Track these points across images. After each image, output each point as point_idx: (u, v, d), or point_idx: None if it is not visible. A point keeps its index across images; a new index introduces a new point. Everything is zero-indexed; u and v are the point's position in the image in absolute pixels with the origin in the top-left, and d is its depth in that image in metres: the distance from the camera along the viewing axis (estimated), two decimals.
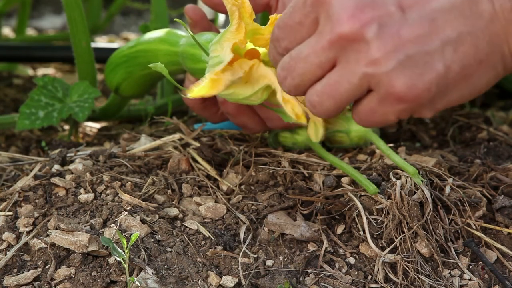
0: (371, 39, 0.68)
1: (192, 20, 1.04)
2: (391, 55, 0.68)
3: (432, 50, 0.69)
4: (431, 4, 0.69)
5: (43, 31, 2.55)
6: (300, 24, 0.73)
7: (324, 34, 0.70)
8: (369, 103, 0.72)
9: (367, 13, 0.68)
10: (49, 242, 0.89)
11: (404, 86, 0.69)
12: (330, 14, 0.70)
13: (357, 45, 0.69)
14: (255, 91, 0.85)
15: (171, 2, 1.78)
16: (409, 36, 0.68)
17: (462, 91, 0.72)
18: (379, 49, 0.68)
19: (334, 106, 0.73)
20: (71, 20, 1.19)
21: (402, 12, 0.69)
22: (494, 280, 0.92)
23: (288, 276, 0.88)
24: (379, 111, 0.72)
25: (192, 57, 0.98)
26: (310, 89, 0.74)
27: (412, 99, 0.70)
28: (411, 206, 0.92)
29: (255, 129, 1.05)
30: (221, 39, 0.83)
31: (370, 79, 0.70)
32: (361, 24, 0.68)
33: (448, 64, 0.69)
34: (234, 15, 0.82)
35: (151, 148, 1.09)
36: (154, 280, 0.85)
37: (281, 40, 0.76)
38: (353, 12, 0.68)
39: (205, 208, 0.97)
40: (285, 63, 0.75)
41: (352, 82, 0.71)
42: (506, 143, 1.21)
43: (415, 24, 0.68)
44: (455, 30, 0.69)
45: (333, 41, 0.70)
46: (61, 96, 1.20)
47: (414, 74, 0.69)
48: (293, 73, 0.74)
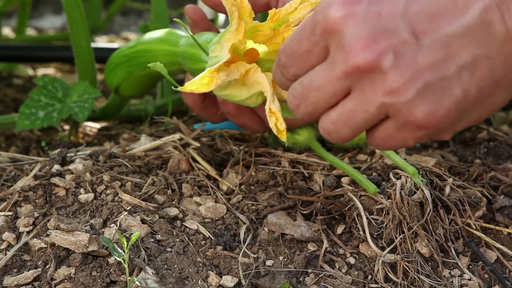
0: (387, 69, 0.67)
1: (192, 20, 1.04)
2: (410, 84, 0.67)
3: (449, 75, 0.68)
4: (445, 29, 0.68)
5: (43, 31, 2.55)
6: (309, 52, 0.72)
7: (337, 64, 0.69)
8: (386, 130, 0.71)
9: (381, 43, 0.67)
10: (49, 242, 0.89)
11: (424, 114, 0.68)
12: (342, 43, 0.68)
13: (373, 76, 0.68)
14: (250, 95, 0.85)
15: (171, 2, 1.78)
16: (426, 63, 0.67)
17: (480, 112, 0.71)
18: (397, 79, 0.67)
19: (350, 133, 0.72)
20: (71, 20, 1.19)
21: (416, 39, 0.68)
22: (494, 280, 0.92)
23: (288, 276, 0.88)
24: (397, 138, 0.72)
25: (192, 57, 0.98)
26: (324, 116, 0.73)
27: (432, 126, 0.69)
28: (411, 206, 0.92)
29: (255, 129, 1.05)
30: (221, 39, 0.83)
31: (388, 108, 0.69)
32: (376, 55, 0.67)
33: (466, 88, 0.68)
34: (234, 15, 0.82)
35: (151, 148, 1.09)
36: (154, 280, 0.85)
37: (289, 67, 0.74)
38: (367, 42, 0.67)
39: (205, 208, 0.97)
40: (297, 92, 0.74)
41: (369, 111, 0.70)
42: (506, 143, 1.21)
43: (430, 50, 0.67)
44: (470, 54, 0.68)
45: (347, 72, 0.68)
46: (61, 96, 1.20)
47: (433, 102, 0.68)
48: (307, 102, 0.73)
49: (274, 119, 0.82)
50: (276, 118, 0.82)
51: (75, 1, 1.18)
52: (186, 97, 1.07)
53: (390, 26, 0.67)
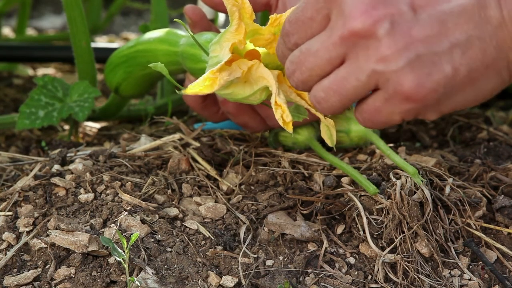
0: (382, 36, 0.69)
1: (191, 20, 1.04)
2: (402, 53, 0.69)
3: (441, 51, 0.69)
4: (442, 6, 0.69)
5: (43, 31, 2.55)
6: (311, 19, 0.74)
7: (336, 29, 0.71)
8: (375, 102, 0.73)
9: (379, 10, 0.69)
10: (49, 242, 0.89)
11: (412, 85, 0.69)
12: (343, 9, 0.70)
13: (367, 42, 0.70)
14: (254, 92, 0.85)
15: (171, 2, 1.78)
16: (420, 35, 0.69)
17: (468, 95, 0.72)
18: (390, 47, 0.69)
19: (340, 102, 0.74)
20: (71, 20, 1.19)
21: (413, 12, 0.69)
22: (494, 280, 0.92)
23: (288, 276, 0.88)
24: (384, 111, 0.73)
25: (192, 57, 0.98)
26: (317, 84, 0.75)
27: (419, 98, 0.70)
28: (411, 206, 0.92)
29: (255, 128, 1.05)
30: (221, 39, 0.83)
31: (379, 76, 0.70)
32: (373, 21, 0.69)
33: (456, 66, 0.70)
34: (234, 15, 0.82)
35: (151, 148, 1.09)
36: (154, 280, 0.85)
37: (291, 35, 0.76)
38: (366, 8, 0.69)
39: (205, 208, 0.97)
40: (294, 57, 0.75)
41: (360, 79, 0.71)
42: (506, 143, 1.21)
43: (425, 24, 0.69)
44: (464, 34, 0.69)
45: (344, 36, 0.70)
46: (61, 96, 1.20)
47: (422, 74, 0.69)
48: (302, 67, 0.74)
49: (280, 111, 0.83)
50: (282, 110, 0.83)
51: (75, 1, 1.18)
52: (187, 97, 1.07)
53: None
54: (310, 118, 0.92)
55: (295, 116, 0.90)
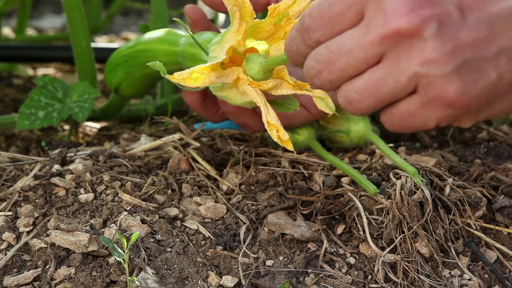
0: (429, 37, 0.65)
1: (191, 20, 1.04)
2: (449, 57, 0.65)
3: (488, 56, 0.66)
4: (491, 8, 0.66)
5: (43, 31, 2.55)
6: (340, 15, 0.68)
7: (374, 27, 0.66)
8: (409, 106, 0.68)
9: (427, 9, 0.65)
10: (49, 242, 0.89)
11: (457, 91, 0.66)
12: (384, 6, 0.65)
13: (412, 42, 0.65)
14: (244, 101, 0.85)
15: (171, 2, 1.78)
16: (468, 39, 0.65)
17: (507, 103, 0.69)
18: (437, 49, 0.65)
19: (374, 104, 0.69)
20: (71, 20, 1.19)
21: (461, 13, 0.66)
22: (494, 280, 0.92)
23: (288, 276, 0.88)
24: (420, 116, 0.68)
25: (192, 57, 0.98)
26: (347, 84, 0.69)
27: (461, 105, 0.67)
28: (411, 206, 0.92)
29: (255, 128, 1.05)
30: (222, 39, 0.83)
31: (420, 79, 0.66)
32: (421, 20, 0.64)
33: (501, 73, 0.66)
34: (235, 15, 0.82)
35: (151, 148, 1.09)
36: (154, 280, 0.85)
37: (313, 31, 0.70)
38: (412, 6, 0.65)
39: (205, 208, 0.97)
40: (322, 56, 0.69)
41: (399, 81, 0.67)
42: (506, 143, 1.21)
43: (474, 27, 0.65)
44: (511, 39, 0.66)
45: (386, 35, 0.65)
46: (61, 96, 1.20)
47: (469, 80, 0.66)
48: (332, 67, 0.69)
49: (275, 131, 0.81)
50: (276, 129, 0.81)
51: (75, 1, 1.18)
52: (186, 96, 1.06)
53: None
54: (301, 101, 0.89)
55: (286, 107, 0.88)
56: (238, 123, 1.05)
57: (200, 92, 1.04)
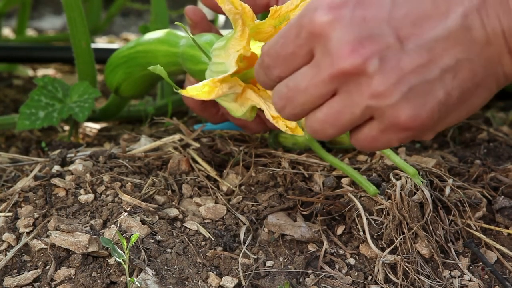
0: (373, 73, 0.68)
1: (192, 21, 1.04)
2: (395, 87, 0.69)
3: (432, 78, 0.69)
4: (428, 34, 0.69)
5: (43, 31, 2.55)
6: (293, 54, 0.73)
7: (324, 68, 0.70)
8: (371, 131, 0.73)
9: (367, 48, 0.68)
10: (49, 243, 0.89)
11: (408, 117, 0.69)
12: (329, 48, 0.69)
13: (359, 79, 0.69)
14: (244, 112, 0.87)
15: (171, 2, 1.78)
16: (410, 67, 0.69)
17: (461, 112, 0.73)
18: (382, 83, 0.68)
19: (336, 133, 0.74)
20: (71, 21, 1.19)
21: (400, 44, 0.69)
22: (494, 281, 0.92)
23: (288, 276, 0.88)
24: (381, 139, 0.73)
25: (192, 59, 0.98)
26: (311, 115, 0.74)
27: (416, 127, 0.71)
28: (411, 207, 0.92)
29: (255, 129, 1.05)
30: (226, 45, 0.84)
31: (373, 110, 0.70)
32: (363, 59, 0.68)
33: (449, 90, 0.70)
34: (238, 23, 0.82)
35: (151, 149, 1.09)
36: (154, 280, 0.85)
37: (273, 68, 0.75)
38: (353, 46, 0.68)
39: (205, 209, 0.97)
40: (282, 93, 0.75)
41: (354, 113, 0.71)
42: (506, 143, 1.21)
43: (414, 54, 0.69)
44: (452, 58, 0.69)
45: (334, 75, 0.70)
46: (61, 97, 1.20)
47: (417, 105, 0.69)
48: (293, 104, 0.74)
49: (282, 121, 0.83)
50: (282, 120, 0.83)
51: (75, 2, 1.18)
52: (186, 98, 1.07)
53: (375, 30, 0.69)
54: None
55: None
56: (238, 124, 1.05)
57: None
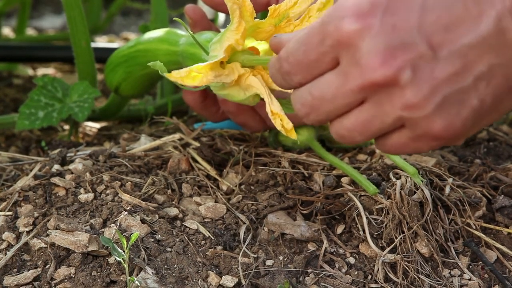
0: (405, 84, 0.66)
1: (192, 20, 1.04)
2: (428, 98, 0.67)
3: (466, 87, 0.67)
4: (461, 40, 0.67)
5: (43, 31, 2.55)
6: (316, 61, 0.70)
7: (352, 78, 0.68)
8: (400, 138, 0.71)
9: (398, 57, 0.66)
10: (49, 242, 0.89)
11: (442, 127, 0.68)
12: (358, 58, 0.67)
13: (390, 89, 0.67)
14: (247, 97, 0.85)
15: (171, 2, 1.78)
16: (443, 76, 0.67)
17: (493, 117, 0.71)
18: (416, 95, 0.66)
19: (365, 139, 0.72)
20: (71, 20, 1.19)
21: (433, 51, 0.67)
22: (494, 280, 0.92)
23: (288, 276, 0.88)
24: (412, 146, 0.71)
25: (192, 57, 0.98)
26: (337, 122, 0.72)
27: (450, 136, 0.69)
28: (411, 206, 0.92)
29: (255, 128, 1.05)
30: (221, 38, 0.83)
31: (406, 121, 0.69)
32: (394, 70, 0.66)
33: (482, 98, 0.68)
34: (235, 13, 0.81)
35: (151, 148, 1.09)
36: (154, 280, 0.85)
37: (293, 75, 0.73)
38: (384, 57, 0.66)
39: (205, 208, 0.97)
40: (306, 101, 0.72)
41: (385, 122, 0.69)
42: (506, 143, 1.21)
43: (447, 62, 0.67)
44: (486, 64, 0.67)
45: (364, 86, 0.68)
46: (61, 96, 1.20)
47: (452, 114, 0.68)
48: (318, 111, 0.72)
49: (279, 120, 0.81)
50: (280, 118, 0.81)
51: (75, 1, 1.18)
52: (186, 96, 1.06)
53: (406, 39, 0.66)
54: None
55: (289, 108, 0.88)
56: (238, 122, 1.05)
57: (200, 92, 1.05)
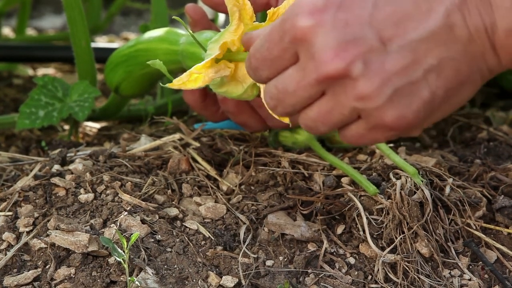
0: (357, 76, 0.69)
1: (192, 19, 1.04)
2: (379, 90, 0.69)
3: (416, 79, 0.70)
4: (411, 35, 0.69)
5: (43, 31, 2.55)
6: (278, 57, 0.74)
7: (309, 72, 0.71)
8: (358, 129, 0.74)
9: (350, 51, 0.69)
10: (49, 242, 0.89)
11: (394, 118, 0.70)
12: (312, 53, 0.70)
13: (344, 82, 0.70)
14: (245, 89, 0.85)
15: (171, 2, 1.78)
16: (394, 69, 0.69)
17: (447, 109, 0.74)
18: (367, 86, 0.69)
19: (328, 129, 0.75)
20: (71, 20, 1.19)
21: (383, 46, 0.69)
22: (494, 280, 0.92)
23: (288, 276, 0.88)
24: (368, 136, 0.74)
25: (192, 56, 0.98)
26: (303, 113, 0.75)
27: (402, 128, 0.72)
28: (411, 206, 0.92)
29: (255, 127, 1.05)
30: (219, 38, 0.83)
31: (360, 111, 0.71)
32: (346, 63, 0.69)
33: (433, 90, 0.70)
34: (234, 15, 0.82)
35: (151, 148, 1.09)
36: (154, 280, 0.85)
37: (261, 70, 0.76)
38: (336, 51, 0.69)
39: (205, 208, 0.97)
40: (273, 94, 0.76)
41: (343, 113, 0.72)
42: (506, 143, 1.21)
43: (397, 56, 0.69)
44: (435, 57, 0.70)
45: (319, 79, 0.70)
46: (61, 96, 1.20)
47: (403, 106, 0.70)
48: (284, 104, 0.75)
49: None
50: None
51: (75, 1, 1.18)
52: (187, 96, 1.06)
53: (357, 34, 0.69)
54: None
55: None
56: (238, 122, 1.05)
57: (200, 92, 1.05)
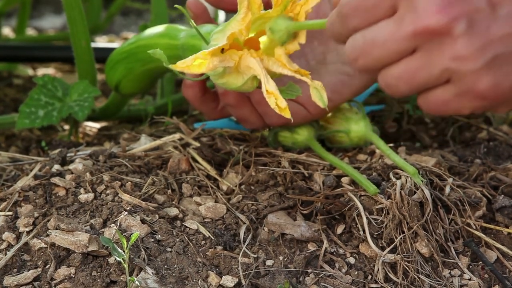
0: (458, 35, 0.66)
1: (193, 14, 1.05)
2: (479, 53, 0.67)
3: None
4: None
5: (43, 31, 2.55)
6: (375, 7, 0.71)
7: (407, 23, 0.68)
8: (444, 94, 0.71)
9: (456, 7, 0.66)
10: (49, 242, 0.89)
11: (488, 86, 0.68)
12: (415, 4, 0.67)
13: (442, 39, 0.67)
14: (245, 81, 0.85)
15: (171, 2, 1.78)
16: (499, 34, 0.67)
17: None
18: (467, 47, 0.66)
19: (409, 91, 0.72)
20: (71, 20, 1.19)
21: (492, 9, 0.67)
22: (494, 280, 0.92)
23: (288, 276, 0.88)
24: (453, 104, 0.71)
25: (193, 48, 0.98)
26: (385, 70, 0.72)
27: (494, 97, 0.69)
28: (411, 206, 0.92)
29: (255, 123, 1.05)
30: (225, 28, 0.83)
31: (453, 73, 0.68)
32: (450, 19, 0.66)
33: None
34: (243, 4, 0.81)
35: (151, 148, 1.09)
36: (154, 280, 0.85)
37: (351, 18, 0.73)
38: (442, 4, 0.66)
39: (205, 208, 0.97)
40: (357, 44, 0.72)
41: (432, 73, 0.69)
42: (506, 143, 1.21)
43: (504, 22, 0.67)
44: None
45: (417, 32, 0.68)
46: (61, 96, 1.20)
47: (500, 74, 0.67)
48: (368, 57, 0.72)
49: (273, 98, 0.82)
50: (275, 97, 0.81)
51: (75, 1, 1.18)
52: (186, 90, 1.06)
53: None
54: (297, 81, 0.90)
55: (288, 94, 0.88)
56: (238, 116, 1.05)
57: (199, 87, 1.05)
